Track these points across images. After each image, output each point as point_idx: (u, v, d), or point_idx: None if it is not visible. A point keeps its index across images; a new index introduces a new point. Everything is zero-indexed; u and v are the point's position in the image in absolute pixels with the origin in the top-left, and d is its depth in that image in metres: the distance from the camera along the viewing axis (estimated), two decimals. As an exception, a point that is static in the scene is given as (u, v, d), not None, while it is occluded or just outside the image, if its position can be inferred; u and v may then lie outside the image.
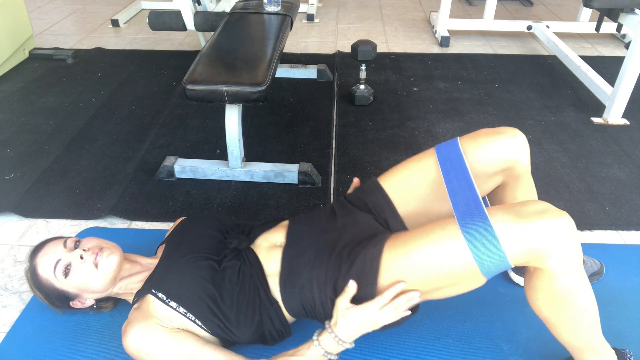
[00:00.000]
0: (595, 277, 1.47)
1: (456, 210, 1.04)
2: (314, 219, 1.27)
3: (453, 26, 3.32)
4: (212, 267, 1.18)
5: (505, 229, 0.96)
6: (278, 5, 2.30)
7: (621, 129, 2.30)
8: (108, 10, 3.83)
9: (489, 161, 1.20)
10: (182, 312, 1.15)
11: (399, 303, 1.05)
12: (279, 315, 1.17)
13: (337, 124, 2.35)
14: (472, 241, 0.98)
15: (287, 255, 1.19)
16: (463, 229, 0.99)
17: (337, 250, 1.14)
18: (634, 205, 1.82)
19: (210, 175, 1.96)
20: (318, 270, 1.13)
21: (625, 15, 2.22)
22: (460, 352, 1.29)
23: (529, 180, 1.28)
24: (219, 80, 1.69)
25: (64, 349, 1.30)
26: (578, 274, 1.02)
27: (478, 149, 1.19)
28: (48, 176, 1.97)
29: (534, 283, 1.04)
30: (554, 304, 1.04)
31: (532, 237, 0.96)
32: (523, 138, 1.22)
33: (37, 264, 1.22)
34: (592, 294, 1.06)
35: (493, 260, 0.97)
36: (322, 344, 1.10)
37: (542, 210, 0.98)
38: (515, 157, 1.21)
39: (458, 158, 1.16)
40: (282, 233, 1.26)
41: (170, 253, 1.24)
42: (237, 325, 1.15)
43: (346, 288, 1.07)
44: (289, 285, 1.15)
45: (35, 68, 2.87)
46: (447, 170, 1.15)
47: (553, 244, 0.96)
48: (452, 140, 1.22)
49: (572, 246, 0.98)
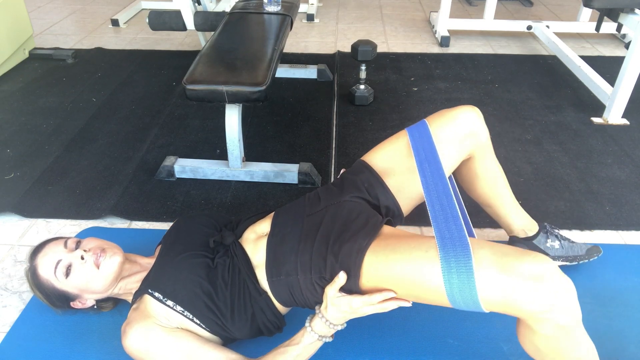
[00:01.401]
0: (594, 254, 1.51)
1: (438, 234, 1.00)
2: (297, 206, 1.26)
3: (453, 26, 3.32)
4: (207, 265, 1.18)
5: (486, 277, 0.90)
6: (278, 5, 2.30)
7: (621, 129, 2.30)
8: (108, 10, 3.83)
9: (457, 131, 1.26)
10: (179, 311, 1.15)
11: (387, 305, 1.05)
12: (270, 306, 1.17)
13: (337, 124, 2.35)
14: (448, 274, 0.94)
15: (272, 243, 1.18)
16: (443, 257, 0.95)
17: (321, 233, 1.13)
18: (634, 205, 1.82)
19: (210, 175, 1.96)
20: (302, 256, 1.11)
21: (625, 15, 2.22)
22: (460, 352, 1.29)
23: (493, 156, 1.35)
24: (219, 80, 1.69)
25: (64, 349, 1.30)
26: (575, 335, 0.95)
27: (446, 123, 1.26)
28: (48, 176, 1.97)
29: (522, 331, 1.01)
30: (542, 356, 1.01)
31: (517, 296, 0.88)
32: (479, 111, 1.29)
33: (38, 264, 1.22)
34: (592, 349, 0.99)
35: (464, 299, 0.94)
36: (314, 329, 1.11)
37: (537, 275, 0.88)
38: (477, 125, 1.27)
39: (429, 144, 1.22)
40: (267, 223, 1.25)
41: (165, 252, 1.24)
42: (232, 322, 1.15)
43: (336, 278, 1.06)
44: (275, 274, 1.15)
45: (35, 68, 2.87)
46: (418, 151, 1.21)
47: (542, 310, 0.89)
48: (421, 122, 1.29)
49: (569, 311, 0.90)
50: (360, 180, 1.25)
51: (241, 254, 1.20)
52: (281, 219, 1.24)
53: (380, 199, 1.23)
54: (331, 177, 1.99)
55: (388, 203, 1.23)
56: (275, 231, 1.20)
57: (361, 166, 1.29)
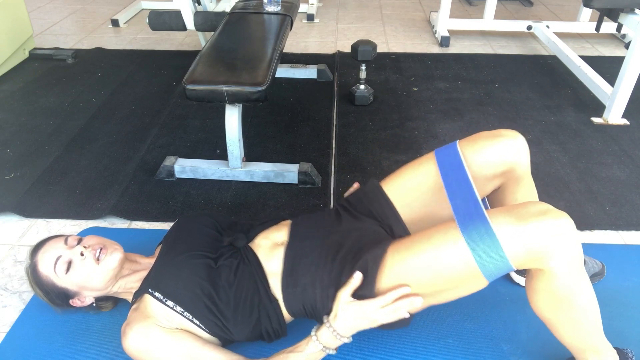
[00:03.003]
0: (597, 277, 1.47)
1: (456, 214, 1.04)
2: (318, 221, 1.27)
3: (453, 26, 3.32)
4: (208, 265, 1.18)
5: (505, 231, 0.96)
6: (278, 5, 2.30)
7: (621, 129, 2.30)
8: (108, 10, 3.83)
9: (488, 164, 1.20)
10: (179, 311, 1.15)
11: (401, 305, 1.05)
12: (278, 314, 1.17)
13: (337, 124, 2.35)
14: (473, 244, 0.98)
15: (290, 254, 1.18)
16: (464, 231, 0.99)
17: (342, 253, 1.14)
18: (634, 205, 1.82)
19: (210, 175, 1.96)
20: (322, 272, 1.13)
21: (625, 15, 2.22)
22: (460, 352, 1.29)
23: (530, 182, 1.28)
24: (219, 80, 1.69)
25: (64, 349, 1.30)
26: (579, 274, 1.02)
27: (477, 152, 1.19)
28: (48, 176, 1.97)
29: (535, 284, 1.04)
30: (555, 304, 1.04)
31: (533, 238, 0.96)
32: (522, 140, 1.22)
33: (38, 260, 1.22)
34: (593, 294, 1.06)
35: (494, 263, 0.97)
36: (320, 339, 1.10)
37: (542, 211, 0.98)
38: (515, 159, 1.21)
39: (457, 161, 1.16)
40: (283, 232, 1.25)
41: (165, 252, 1.24)
42: (234, 323, 1.15)
43: (350, 279, 1.06)
44: (291, 285, 1.15)
45: (35, 68, 2.87)
46: (446, 174, 1.16)
47: (554, 244, 0.96)
48: (451, 144, 1.22)
49: (573, 246, 0.98)
50: (375, 209, 1.26)
51: (253, 259, 1.20)
52: (300, 230, 1.24)
53: (393, 229, 1.24)
54: (331, 177, 1.99)
55: (401, 234, 1.23)
56: (294, 242, 1.21)
57: (377, 192, 1.27)
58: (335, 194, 1.90)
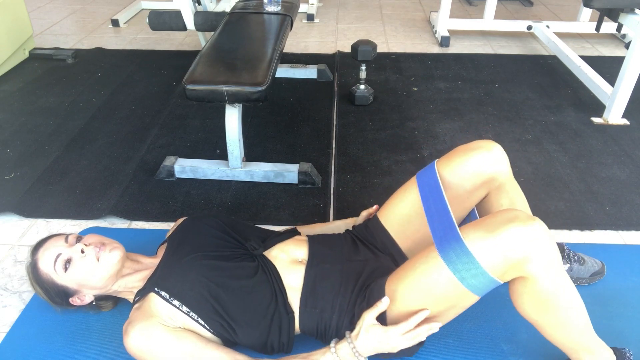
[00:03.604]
0: (597, 277, 1.47)
1: (435, 237, 1.07)
2: (335, 244, 1.31)
3: (453, 26, 3.32)
4: (216, 267, 1.18)
5: (478, 245, 0.98)
6: (278, 5, 2.30)
7: (621, 129, 2.30)
8: (108, 10, 3.83)
9: (467, 178, 1.22)
10: (184, 311, 1.15)
11: (421, 331, 1.08)
12: (290, 327, 1.18)
13: (337, 124, 2.35)
14: (451, 264, 1.00)
15: (311, 274, 1.21)
16: (442, 254, 1.02)
17: (360, 283, 1.18)
18: (634, 205, 1.82)
19: (210, 175, 1.96)
20: (342, 299, 1.16)
21: (625, 15, 2.22)
22: (460, 352, 1.29)
23: (513, 187, 1.28)
24: (219, 80, 1.69)
25: (64, 348, 1.30)
26: (558, 274, 1.02)
27: (454, 169, 1.22)
28: (48, 176, 1.97)
29: (517, 288, 1.05)
30: (539, 307, 1.05)
31: (506, 246, 0.97)
32: (499, 149, 1.23)
33: (38, 258, 1.23)
34: (576, 293, 1.06)
35: (476, 278, 0.99)
36: (338, 352, 1.11)
37: (509, 218, 0.99)
38: (493, 169, 1.22)
39: (434, 183, 1.19)
40: (301, 249, 1.27)
41: (172, 252, 1.24)
42: (243, 326, 1.15)
43: (378, 303, 1.09)
44: (310, 305, 1.17)
45: (35, 68, 2.87)
46: (426, 198, 1.19)
47: (528, 249, 0.97)
48: (430, 166, 1.25)
49: (547, 248, 0.99)
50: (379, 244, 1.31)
51: (273, 269, 1.21)
52: (320, 250, 1.27)
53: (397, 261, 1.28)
54: (331, 176, 1.99)
55: None
56: (314, 262, 1.23)
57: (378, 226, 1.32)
58: (335, 194, 1.90)
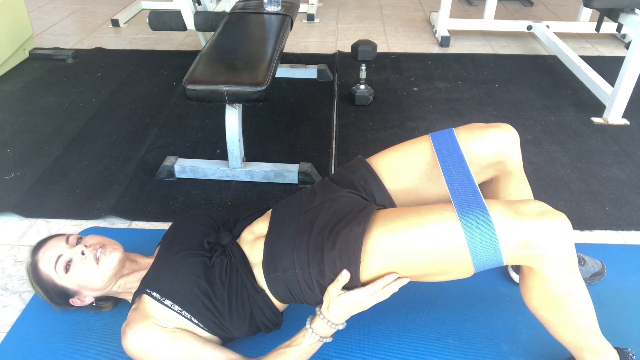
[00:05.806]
0: (597, 277, 1.47)
1: (454, 198, 1.03)
2: (294, 202, 1.24)
3: (453, 26, 3.32)
4: (204, 264, 1.18)
5: (503, 223, 0.96)
6: (278, 5, 2.30)
7: (621, 129, 2.30)
8: (108, 10, 3.83)
9: (482, 152, 1.20)
10: (177, 310, 1.15)
11: (389, 289, 1.06)
12: (268, 304, 1.17)
13: (337, 124, 2.35)
14: (469, 230, 0.97)
15: (269, 241, 1.17)
16: (461, 217, 0.99)
17: (317, 228, 1.12)
18: (634, 205, 1.82)
19: (211, 175, 1.96)
20: (299, 251, 1.10)
21: (625, 15, 2.22)
22: (460, 352, 1.29)
23: (522, 178, 1.29)
24: (219, 80, 1.69)
25: (64, 349, 1.30)
26: (573, 277, 1.02)
27: (472, 139, 1.20)
28: (48, 176, 1.97)
29: (528, 282, 1.04)
30: (548, 304, 1.05)
31: (530, 235, 0.96)
32: (516, 134, 1.23)
33: (39, 259, 1.23)
34: (587, 296, 1.06)
35: (487, 253, 0.97)
36: (315, 330, 1.11)
37: (541, 211, 0.98)
38: (507, 151, 1.21)
39: (455, 147, 1.17)
40: (265, 222, 1.25)
41: (163, 252, 1.25)
42: (230, 321, 1.15)
43: (339, 276, 1.05)
44: (272, 270, 1.14)
45: (35, 68, 2.87)
46: (443, 158, 1.15)
47: (549, 245, 0.96)
48: (448, 130, 1.22)
49: (568, 249, 0.98)
50: (356, 177, 1.23)
51: (239, 253, 1.20)
52: (278, 216, 1.23)
53: (375, 196, 1.21)
54: (331, 177, 1.99)
55: (384, 202, 1.21)
56: (272, 229, 1.20)
57: (359, 163, 1.27)
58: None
